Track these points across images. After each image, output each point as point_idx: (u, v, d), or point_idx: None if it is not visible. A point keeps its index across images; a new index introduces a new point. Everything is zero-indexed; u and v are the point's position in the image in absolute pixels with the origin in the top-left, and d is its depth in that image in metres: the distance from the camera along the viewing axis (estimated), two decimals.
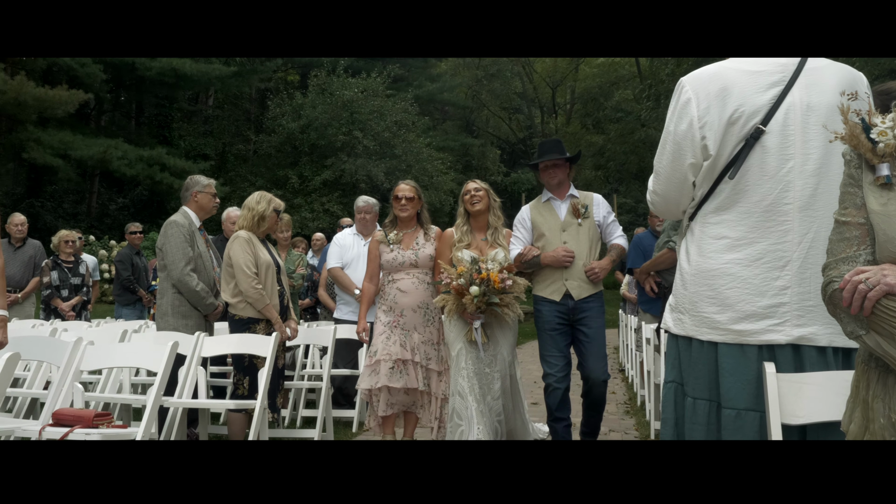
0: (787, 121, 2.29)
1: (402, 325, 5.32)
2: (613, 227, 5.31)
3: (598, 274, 5.06)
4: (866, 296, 1.68)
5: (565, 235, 5.13)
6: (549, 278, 5.13)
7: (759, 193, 2.30)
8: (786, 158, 2.29)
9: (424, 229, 5.56)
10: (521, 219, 5.35)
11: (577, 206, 5.19)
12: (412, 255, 5.39)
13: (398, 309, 5.35)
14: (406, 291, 5.35)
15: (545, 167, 5.27)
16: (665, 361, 2.59)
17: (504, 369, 5.12)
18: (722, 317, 2.31)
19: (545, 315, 5.13)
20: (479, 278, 4.87)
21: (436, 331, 5.40)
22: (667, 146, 2.46)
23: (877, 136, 1.79)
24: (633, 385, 9.19)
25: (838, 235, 1.88)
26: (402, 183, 5.62)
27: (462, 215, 5.39)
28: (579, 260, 5.06)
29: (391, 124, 28.26)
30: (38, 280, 8.55)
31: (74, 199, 28.14)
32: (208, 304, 5.62)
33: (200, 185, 5.91)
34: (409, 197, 5.50)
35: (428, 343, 5.35)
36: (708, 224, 2.40)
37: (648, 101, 25.10)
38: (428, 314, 5.38)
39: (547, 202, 5.31)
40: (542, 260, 5.10)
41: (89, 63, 24.00)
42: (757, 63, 2.36)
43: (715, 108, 2.33)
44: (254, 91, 33.51)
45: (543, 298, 5.15)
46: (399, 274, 5.41)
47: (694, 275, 2.40)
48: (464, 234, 5.33)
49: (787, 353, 2.27)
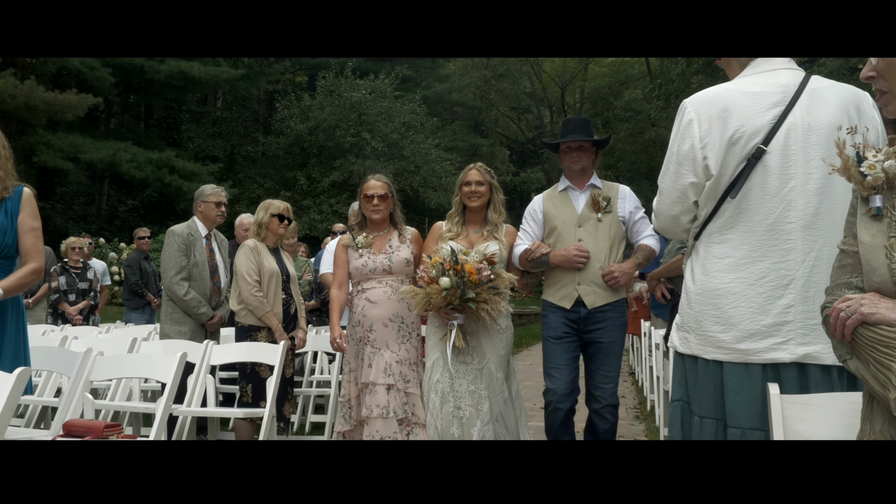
0: (788, 140, 2.31)
1: (371, 341, 4.58)
2: (642, 224, 4.53)
3: (617, 279, 4.30)
4: (846, 323, 1.74)
5: (581, 232, 4.41)
6: (558, 281, 4.43)
7: (761, 213, 2.33)
8: (787, 178, 2.31)
9: (399, 230, 4.80)
10: (532, 210, 4.65)
11: (598, 198, 4.46)
12: (385, 261, 4.64)
13: (367, 323, 4.61)
14: (376, 302, 4.60)
15: (568, 149, 4.53)
16: (672, 380, 2.61)
17: (494, 388, 4.30)
18: (726, 336, 2.33)
19: (551, 323, 4.44)
20: (451, 268, 4.13)
21: (413, 349, 4.64)
22: (670, 166, 2.49)
23: (866, 170, 1.83)
24: (644, 389, 9.17)
25: (837, 262, 1.93)
26: (373, 178, 4.85)
27: (457, 205, 4.67)
28: (595, 262, 4.34)
29: (399, 125, 28.30)
30: (48, 286, 8.62)
31: (84, 201, 28.28)
32: (200, 314, 5.72)
33: (204, 194, 6.00)
34: (382, 195, 4.74)
35: (404, 363, 4.55)
36: (712, 244, 2.42)
37: (658, 100, 25.05)
38: (403, 329, 4.61)
39: (563, 192, 4.58)
40: (551, 259, 4.39)
41: (98, 66, 24.12)
42: (758, 84, 2.39)
43: (716, 129, 2.36)
44: (262, 93, 33.62)
45: (551, 305, 4.46)
46: (369, 283, 4.66)
47: (699, 294, 2.43)
48: (454, 224, 4.63)
49: (791, 372, 2.28)
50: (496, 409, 4.29)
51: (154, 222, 25.18)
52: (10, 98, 20.30)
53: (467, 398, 4.25)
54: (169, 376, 4.01)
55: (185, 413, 4.96)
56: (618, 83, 36.88)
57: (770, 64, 2.43)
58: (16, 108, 20.83)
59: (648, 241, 4.49)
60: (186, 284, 5.69)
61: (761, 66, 2.44)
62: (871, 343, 1.70)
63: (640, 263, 4.48)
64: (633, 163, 33.56)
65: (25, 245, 3.45)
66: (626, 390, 9.89)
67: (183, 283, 5.68)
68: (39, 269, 3.50)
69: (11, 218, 3.45)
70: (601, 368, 4.37)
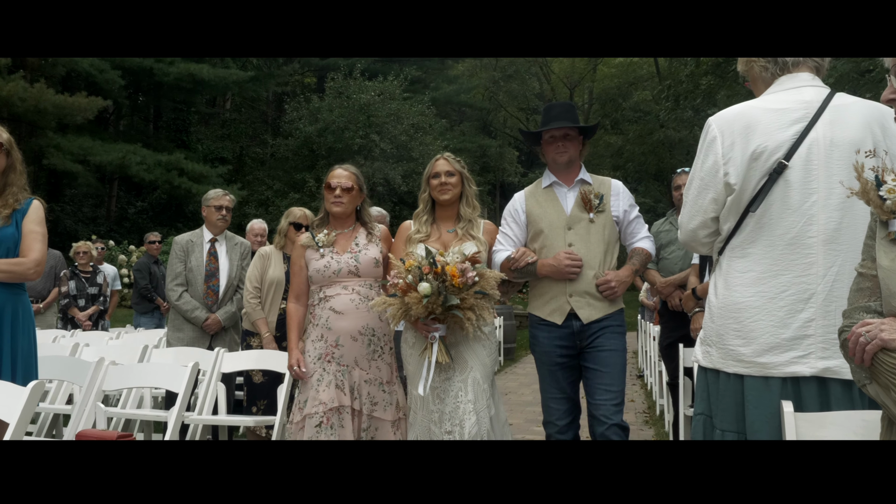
0: (810, 156, 2.31)
1: (337, 358, 3.98)
2: (637, 225, 4.03)
3: (613, 289, 3.78)
4: (865, 348, 1.74)
5: (571, 235, 3.86)
6: (546, 293, 3.88)
7: (782, 227, 2.33)
8: (809, 192, 2.31)
9: (366, 228, 4.23)
10: (513, 209, 4.06)
11: (589, 195, 3.89)
12: (350, 261, 4.04)
13: (332, 337, 3.98)
14: (343, 312, 3.98)
15: (551, 139, 3.96)
16: (695, 393, 2.61)
17: (481, 401, 3.73)
18: (746, 349, 2.33)
19: (543, 345, 3.89)
20: (431, 271, 3.58)
21: (386, 366, 4.06)
22: (693, 181, 2.52)
23: (885, 194, 1.83)
24: (653, 393, 9.14)
25: (855, 285, 1.93)
26: (339, 167, 4.21)
27: (425, 202, 4.08)
28: (589, 269, 3.80)
29: (408, 127, 28.32)
30: (58, 290, 8.66)
31: (94, 203, 28.43)
32: (193, 317, 5.80)
33: (207, 199, 6.11)
34: (347, 187, 4.12)
35: (373, 383, 4.00)
36: (734, 258, 2.43)
37: (667, 101, 24.96)
38: (375, 343, 4.02)
39: (549, 189, 4.00)
40: (538, 269, 3.83)
41: (108, 69, 24.22)
42: (781, 101, 2.39)
43: (739, 145, 2.37)
44: (271, 95, 33.70)
45: (540, 321, 3.90)
46: (333, 288, 4.03)
47: (720, 308, 2.44)
48: (423, 224, 4.04)
49: (812, 386, 2.27)
50: (483, 426, 3.66)
51: (163, 224, 25.30)
52: (20, 101, 20.42)
53: (455, 417, 3.66)
54: (181, 386, 4.03)
55: (196, 422, 4.98)
56: (626, 84, 36.86)
57: (794, 81, 2.43)
58: (26, 110, 20.95)
59: (644, 243, 4.03)
60: (180, 290, 5.83)
61: (785, 83, 2.44)
62: (890, 369, 1.70)
63: (638, 270, 3.99)
64: (641, 164, 33.53)
65: (23, 244, 3.54)
66: (635, 394, 9.88)
67: (177, 288, 5.82)
68: (27, 263, 3.53)
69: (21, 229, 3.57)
70: (601, 383, 3.76)
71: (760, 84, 2.53)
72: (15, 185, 3.60)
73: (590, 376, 3.82)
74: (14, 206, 3.56)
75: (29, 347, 3.59)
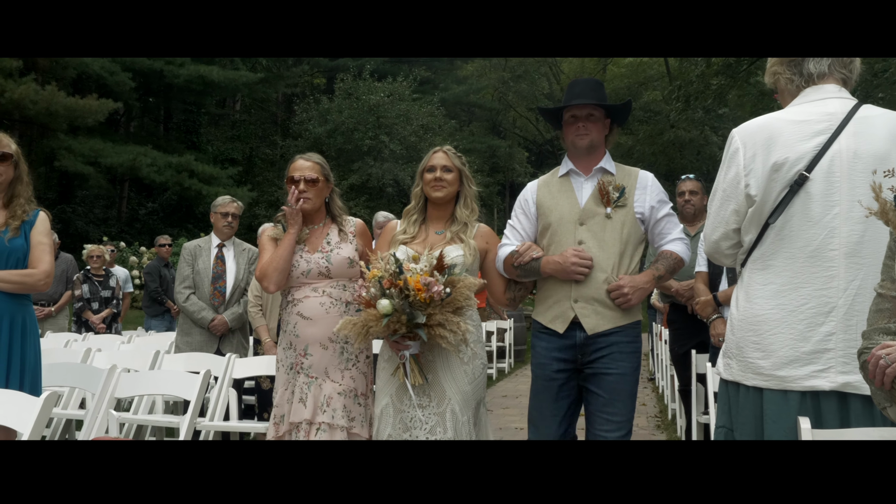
0: (832, 168, 2.28)
1: (306, 369, 3.60)
2: (667, 224, 3.44)
3: (627, 296, 3.24)
4: (885, 371, 1.72)
5: (583, 231, 3.34)
6: (550, 297, 3.39)
7: (803, 239, 2.30)
8: (831, 205, 2.28)
9: (338, 223, 3.80)
10: (524, 200, 3.58)
11: (607, 186, 3.37)
12: (321, 261, 3.65)
13: (300, 345, 3.61)
14: (311, 318, 3.59)
15: (572, 118, 3.43)
16: (717, 406, 2.60)
17: (461, 436, 3.25)
18: (766, 362, 2.31)
19: (540, 354, 3.41)
20: (392, 285, 3.09)
21: (361, 376, 3.64)
22: (716, 193, 2.50)
23: None
24: (664, 397, 9.09)
25: (875, 306, 1.92)
26: (300, 158, 3.81)
27: (417, 198, 3.61)
28: (600, 272, 3.28)
29: (417, 128, 28.33)
30: (71, 293, 8.71)
31: (104, 204, 28.57)
32: (200, 318, 5.86)
33: (214, 206, 6.21)
34: (312, 179, 3.70)
35: (348, 395, 3.56)
36: (756, 270, 2.41)
37: (678, 101, 24.84)
38: (348, 351, 3.61)
39: (565, 178, 3.49)
40: (542, 267, 3.34)
41: (118, 71, 24.34)
42: (805, 113, 2.37)
43: (760, 156, 2.35)
44: (280, 96, 33.76)
45: (542, 328, 3.43)
46: (302, 290, 3.65)
47: (741, 320, 2.42)
48: (411, 224, 3.59)
49: (832, 401, 2.24)
50: None
51: (174, 225, 25.41)
52: (32, 104, 20.54)
53: None
54: (193, 394, 4.06)
55: (208, 428, 4.98)
56: (637, 84, 36.70)
57: (820, 93, 2.40)
58: (37, 113, 21.07)
59: (675, 246, 3.42)
60: (188, 292, 5.93)
61: (811, 95, 2.42)
62: None
63: (662, 276, 3.39)
64: (651, 164, 33.37)
65: (32, 255, 3.63)
66: (647, 397, 9.82)
67: (184, 290, 5.93)
68: (37, 275, 3.62)
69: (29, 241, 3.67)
70: (603, 411, 3.25)
71: (787, 96, 2.51)
72: (22, 196, 3.68)
73: (591, 401, 3.31)
74: (23, 218, 3.64)
75: (36, 360, 3.70)
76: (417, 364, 3.26)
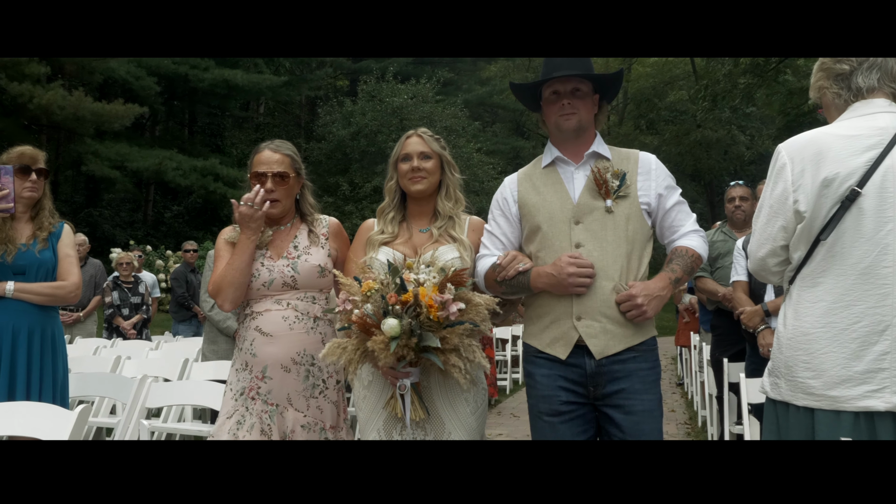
0: (884, 183, 2.22)
1: (263, 394, 2.99)
2: (678, 214, 2.85)
3: (642, 308, 2.65)
4: None
5: (580, 232, 2.75)
6: (546, 314, 2.77)
7: (855, 256, 2.24)
8: (883, 221, 2.22)
9: (308, 223, 3.23)
10: (501, 199, 2.96)
11: (605, 173, 2.77)
12: (286, 270, 3.06)
13: (258, 366, 3.00)
14: (271, 334, 3.00)
15: (554, 95, 2.83)
16: (763, 425, 2.54)
17: None
18: (817, 382, 2.25)
19: (540, 386, 2.75)
20: (398, 301, 2.52)
21: (330, 406, 3.07)
22: (763, 209, 2.44)
23: None
24: (694, 403, 8.98)
25: None
26: (268, 149, 3.13)
27: (392, 193, 3.07)
28: (605, 280, 2.69)
29: (441, 130, 28.26)
30: (100, 299, 8.82)
31: (131, 207, 28.88)
32: (225, 327, 5.85)
33: None
34: (280, 173, 3.09)
35: (313, 428, 3.01)
36: (805, 288, 2.35)
37: (704, 101, 24.63)
38: (314, 375, 3.03)
39: (550, 168, 2.89)
40: (531, 281, 2.74)
41: (144, 76, 24.58)
42: (854, 128, 2.31)
43: (809, 172, 2.29)
44: (304, 99, 33.89)
45: (538, 353, 2.79)
46: (263, 303, 3.05)
47: (790, 339, 2.36)
48: (389, 222, 3.02)
49: (887, 422, 2.17)
50: None
51: (199, 228, 25.58)
52: (59, 109, 20.82)
53: None
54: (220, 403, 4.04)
55: None
56: (662, 84, 36.49)
57: (869, 107, 2.34)
58: (65, 118, 21.35)
59: (690, 240, 2.83)
60: (213, 301, 5.83)
61: (860, 109, 2.35)
62: None
63: (680, 279, 2.78)
64: (678, 164, 33.17)
65: (61, 268, 3.75)
66: (676, 403, 9.72)
67: (210, 299, 5.85)
68: (67, 287, 3.73)
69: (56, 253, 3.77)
70: None
71: (833, 111, 2.45)
72: (46, 208, 3.80)
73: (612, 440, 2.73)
74: (49, 230, 3.75)
75: (65, 373, 3.81)
76: (418, 394, 2.71)
